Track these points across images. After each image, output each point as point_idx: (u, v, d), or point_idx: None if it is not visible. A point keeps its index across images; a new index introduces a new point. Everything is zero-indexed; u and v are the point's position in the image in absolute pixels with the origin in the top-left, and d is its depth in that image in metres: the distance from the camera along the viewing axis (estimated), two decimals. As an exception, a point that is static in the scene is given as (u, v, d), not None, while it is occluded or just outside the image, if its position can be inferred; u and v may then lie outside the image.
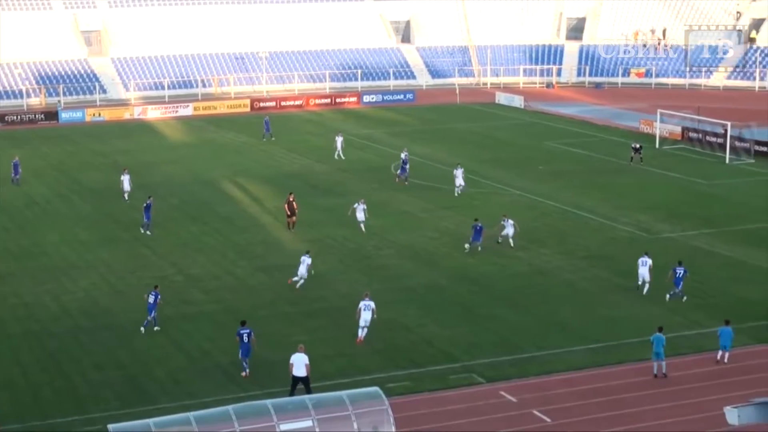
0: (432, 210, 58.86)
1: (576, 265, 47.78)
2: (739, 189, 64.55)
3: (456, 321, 41.11)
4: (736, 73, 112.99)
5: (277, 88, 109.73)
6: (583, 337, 39.25)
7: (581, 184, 65.02)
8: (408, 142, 78.52)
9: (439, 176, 67.64)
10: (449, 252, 50.31)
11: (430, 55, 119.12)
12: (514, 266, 48.20)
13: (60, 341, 39.30)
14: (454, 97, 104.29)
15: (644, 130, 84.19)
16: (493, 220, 55.14)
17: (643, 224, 55.50)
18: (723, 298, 43.60)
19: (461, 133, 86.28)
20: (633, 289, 44.48)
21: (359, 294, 43.99)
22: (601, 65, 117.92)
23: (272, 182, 66.79)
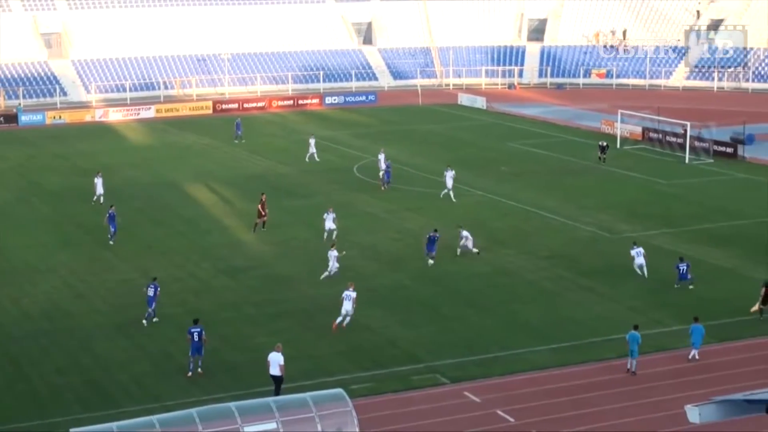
0: (395, 211, 58.89)
1: (538, 265, 47.96)
2: (698, 189, 65.06)
3: (419, 322, 41.13)
4: (695, 74, 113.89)
5: (239, 90, 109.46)
6: (546, 336, 39.39)
7: (543, 184, 65.29)
8: (370, 144, 78.60)
9: (402, 177, 67.68)
10: (412, 253, 50.32)
11: (391, 56, 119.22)
12: (477, 267, 48.30)
13: (21, 345, 38.96)
14: (417, 98, 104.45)
15: (605, 130, 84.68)
16: (455, 220, 55.32)
17: (604, 224, 55.79)
18: (684, 297, 43.89)
19: (424, 134, 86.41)
20: (594, 289, 44.72)
21: (323, 296, 44.06)
22: (563, 66, 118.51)
23: (235, 184, 66.59)
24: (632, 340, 35.74)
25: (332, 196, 62.27)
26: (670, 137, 78.12)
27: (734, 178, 68.18)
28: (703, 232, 54.04)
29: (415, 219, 56.98)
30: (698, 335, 36.92)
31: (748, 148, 75.24)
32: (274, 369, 33.75)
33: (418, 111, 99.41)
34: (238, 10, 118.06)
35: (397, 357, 37.59)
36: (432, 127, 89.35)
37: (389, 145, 79.07)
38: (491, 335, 39.67)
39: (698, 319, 37.40)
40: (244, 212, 59.22)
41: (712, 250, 50.60)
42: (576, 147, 78.98)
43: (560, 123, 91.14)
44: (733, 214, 57.95)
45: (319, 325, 40.68)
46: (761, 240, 52.46)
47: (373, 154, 74.62)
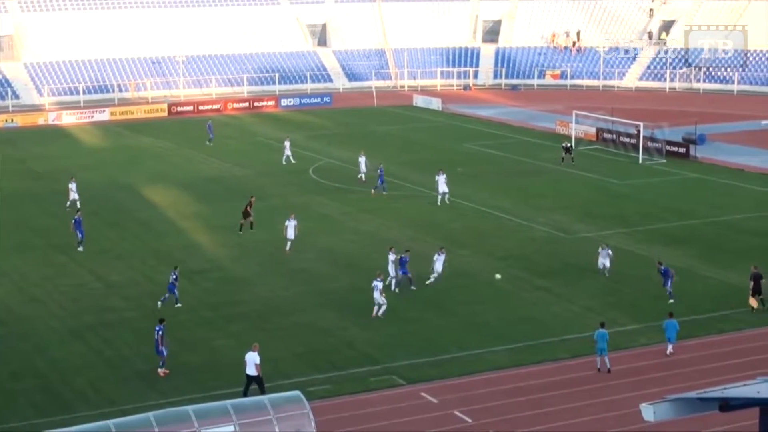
0: (351, 213, 58.90)
1: (495, 266, 48.12)
2: (651, 189, 65.59)
3: (376, 323, 41.15)
4: (648, 74, 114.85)
5: (194, 92, 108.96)
6: (503, 337, 39.55)
7: (498, 185, 65.56)
8: (326, 146, 78.60)
9: (353, 177, 67.64)
10: (369, 254, 50.32)
11: (346, 58, 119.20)
12: (433, 268, 48.34)
13: (-25, 351, 38.57)
14: (372, 100, 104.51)
15: (560, 131, 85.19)
16: (411, 221, 55.49)
17: (560, 224, 56.10)
18: (638, 296, 44.25)
19: (379, 135, 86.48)
20: (550, 289, 45.00)
21: (279, 298, 44.00)
22: (517, 67, 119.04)
23: (191, 187, 66.30)
24: (600, 338, 35.93)
25: (288, 199, 62.17)
26: (623, 138, 78.71)
27: (686, 177, 68.82)
28: (656, 232, 54.51)
29: (371, 221, 57.02)
30: (672, 330, 37.53)
31: (700, 148, 75.94)
32: (250, 368, 33.83)
33: (374, 113, 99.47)
34: (192, 13, 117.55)
35: (354, 358, 37.59)
36: (387, 129, 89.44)
37: (345, 147, 79.09)
38: (448, 336, 39.76)
39: (673, 314, 37.85)
40: (200, 215, 58.99)
41: (665, 249, 51.00)
42: (531, 148, 79.38)
43: (515, 124, 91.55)
44: (686, 214, 58.49)
45: (276, 327, 40.62)
46: (713, 239, 53.00)
47: (329, 156, 74.74)
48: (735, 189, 64.98)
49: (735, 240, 52.50)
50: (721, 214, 57.91)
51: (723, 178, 67.96)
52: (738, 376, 32.87)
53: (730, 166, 71.78)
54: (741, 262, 48.07)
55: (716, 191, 64.53)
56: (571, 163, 71.81)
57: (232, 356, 37.68)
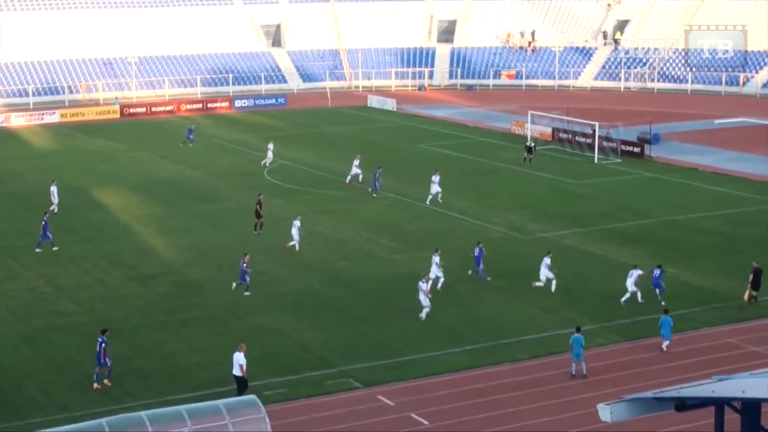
0: (306, 214, 58.66)
1: (451, 267, 48.11)
2: (607, 188, 65.98)
3: (332, 325, 41.07)
4: (603, 74, 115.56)
5: (147, 93, 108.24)
6: (460, 338, 39.57)
7: (454, 185, 65.59)
8: (281, 147, 78.24)
9: (313, 180, 67.58)
10: (323, 256, 50.25)
11: (300, 58, 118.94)
12: (389, 269, 48.37)
13: (-77, 358, 38.04)
14: (326, 100, 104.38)
15: (516, 131, 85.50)
16: (366, 223, 55.42)
17: (515, 224, 56.27)
18: (594, 296, 44.45)
19: (334, 136, 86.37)
20: (507, 290, 45.09)
21: (236, 301, 43.78)
22: (472, 67, 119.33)
23: (144, 189, 65.85)
24: (576, 343, 35.94)
25: (243, 201, 61.89)
26: (579, 137, 79.13)
27: (641, 177, 69.29)
28: (612, 231, 54.81)
29: (326, 222, 56.90)
30: (667, 327, 37.81)
31: (654, 148, 76.51)
32: (235, 369, 33.96)
33: (328, 113, 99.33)
34: (144, 13, 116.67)
35: (309, 362, 37.46)
36: (342, 130, 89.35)
37: (300, 148, 78.96)
38: (405, 338, 39.73)
39: (668, 311, 38.09)
40: (152, 217, 58.60)
41: (620, 249, 51.31)
42: (487, 148, 79.59)
43: (470, 124, 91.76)
44: (641, 213, 58.88)
45: (232, 330, 40.39)
46: (668, 239, 53.38)
47: (284, 158, 74.53)
48: (689, 188, 65.53)
49: (689, 239, 52.91)
50: (675, 214, 58.36)
51: (677, 178, 68.52)
52: (694, 375, 33.12)
53: (684, 166, 72.37)
54: (696, 261, 48.49)
55: (671, 190, 65.02)
56: (529, 164, 72.03)
57: (186, 361, 37.46)
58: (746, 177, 68.38)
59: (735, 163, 72.86)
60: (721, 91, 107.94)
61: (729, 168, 71.22)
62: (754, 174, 69.07)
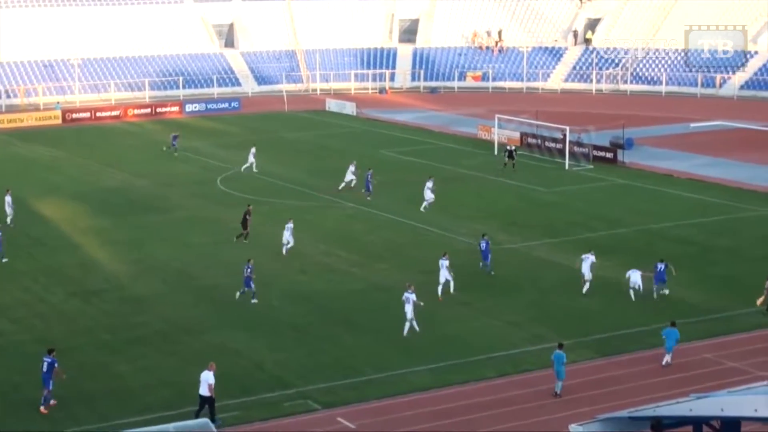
0: (262, 225, 58.47)
1: (415, 281, 47.98)
2: (579, 196, 66.21)
3: (289, 344, 40.88)
4: (573, 75, 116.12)
5: (91, 97, 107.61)
6: (424, 356, 39.49)
7: (417, 194, 65.52)
8: (234, 154, 78.07)
9: (269, 189, 67.37)
10: (281, 270, 50.06)
11: (255, 60, 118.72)
12: (349, 283, 48.27)
13: None
14: (282, 104, 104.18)
15: (482, 136, 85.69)
16: (325, 234, 55.26)
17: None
18: (566, 309, 44.53)
19: (291, 142, 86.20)
20: (473, 304, 45.08)
21: (185, 318, 43.49)
22: (436, 69, 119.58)
23: (87, 199, 65.39)
24: (557, 361, 35.88)
25: (195, 211, 61.64)
26: (549, 143, 79.38)
27: (614, 184, 69.61)
28: (584, 242, 54.88)
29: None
30: (673, 339, 37.95)
31: (628, 153, 76.91)
32: (203, 388, 33.70)
33: (285, 118, 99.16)
34: (88, 11, 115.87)
35: (265, 382, 37.27)
36: (299, 135, 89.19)
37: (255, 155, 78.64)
38: (366, 356, 39.61)
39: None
40: (97, 229, 58.16)
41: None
42: (452, 154, 79.67)
43: (435, 129, 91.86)
44: (614, 222, 59.12)
45: (182, 349, 40.13)
46: (642, 248, 53.58)
47: (237, 165, 74.30)
48: (663, 195, 65.89)
49: (664, 248, 53.10)
50: (649, 222, 58.64)
51: (651, 184, 68.87)
52: (671, 393, 33.23)
53: (658, 172, 72.78)
54: (671, 272, 48.64)
55: (645, 198, 65.34)
56: (512, 170, 72.17)
57: (134, 382, 37.14)
58: (722, 183, 68.89)
59: (711, 169, 73.37)
60: (696, 93, 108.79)
61: (705, 174, 71.70)
62: (731, 180, 69.61)
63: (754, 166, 74.15)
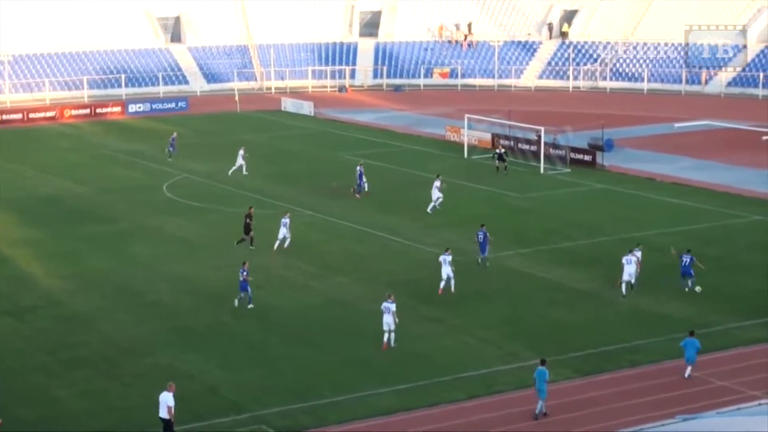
0: (212, 236, 58.36)
1: (379, 294, 47.93)
2: (555, 202, 66.43)
3: (244, 364, 40.78)
4: (548, 72, 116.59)
5: (23, 97, 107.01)
6: (389, 376, 39.48)
7: (381, 201, 65.65)
8: (182, 158, 77.84)
9: (220, 196, 67.18)
10: (234, 284, 49.87)
11: (204, 56, 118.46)
12: (308, 298, 48.21)
13: None
14: (234, 104, 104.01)
15: (451, 138, 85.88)
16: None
17: (452, 244, 56.20)
18: (541, 325, 44.63)
19: (243, 145, 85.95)
20: (442, 320, 45.13)
21: (130, 337, 43.30)
22: (401, 65, 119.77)
23: (21, 208, 65.01)
24: (539, 378, 35.85)
25: (138, 220, 61.39)
26: (522, 144, 79.60)
27: (593, 189, 69.90)
28: (561, 252, 55.14)
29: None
30: (692, 350, 38.16)
31: (607, 155, 77.25)
32: (162, 411, 33.77)
33: (237, 119, 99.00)
34: (19, 4, 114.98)
35: (218, 406, 37.16)
36: (252, 137, 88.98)
37: (204, 159, 78.47)
38: (326, 377, 39.56)
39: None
40: (31, 240, 57.82)
41: (570, 271, 51.62)
42: (418, 157, 79.77)
43: (399, 130, 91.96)
44: (594, 230, 59.33)
45: (126, 372, 39.94)
46: (620, 259, 53.70)
47: (184, 170, 74.13)
48: (646, 201, 66.22)
49: (647, 259, 53.29)
50: (631, 230, 58.84)
51: (633, 189, 69.21)
52: (656, 414, 33.40)
53: (640, 175, 73.18)
54: (654, 284, 48.88)
55: (626, 204, 65.65)
56: (505, 173, 72.67)
57: (74, 407, 36.93)
58: (708, 188, 69.30)
59: (696, 172, 73.85)
60: (681, 90, 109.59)
61: (690, 177, 72.16)
62: (718, 184, 70.03)
63: (742, 169, 74.68)
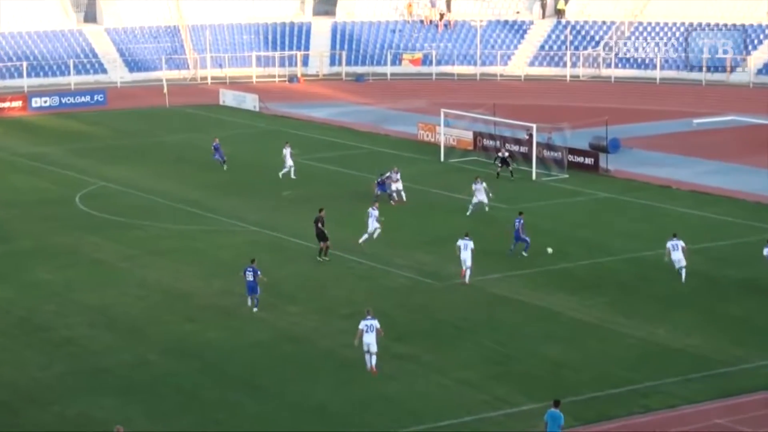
0: (135, 257, 58.21)
1: (337, 328, 48.01)
2: (550, 214, 66.35)
3: (173, 411, 40.70)
4: (542, 58, 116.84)
5: None
6: (350, 426, 39.49)
7: (340, 213, 65.55)
8: (98, 164, 77.81)
9: (145, 209, 67.01)
10: (159, 315, 49.79)
11: (125, 39, 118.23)
12: (252, 332, 48.09)
13: None
14: (162, 97, 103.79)
15: (424, 137, 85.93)
16: (220, 267, 55.17)
17: (426, 267, 56.34)
18: (534, 363, 44.61)
19: (174, 147, 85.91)
20: (415, 357, 45.20)
21: (34, 382, 43.13)
22: (363, 50, 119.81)
23: None
24: (552, 422, 35.83)
25: (44, 239, 61.17)
26: (511, 145, 79.60)
27: (595, 198, 69.97)
28: (558, 274, 55.16)
29: (164, 267, 56.41)
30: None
31: (613, 158, 77.39)
32: None
33: (165, 116, 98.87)
34: None
35: (141, 464, 37.16)
36: (184, 138, 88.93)
37: (126, 165, 78.37)
38: (271, 427, 39.56)
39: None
40: None
41: (570, 298, 51.63)
42: (384, 161, 79.66)
43: (361, 129, 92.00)
44: (596, 249, 59.37)
45: (31, 421, 39.84)
46: (633, 282, 53.89)
47: (102, 178, 74.03)
48: (659, 213, 66.26)
49: (661, 283, 53.47)
50: (641, 248, 58.90)
51: (643, 199, 69.28)
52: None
53: (652, 182, 73.34)
54: (668, 312, 49.03)
55: (635, 217, 65.71)
56: (511, 179, 73.19)
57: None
58: (734, 196, 69.50)
59: (720, 178, 74.07)
60: (701, 79, 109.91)
61: (712, 184, 72.31)
62: (745, 192, 70.22)
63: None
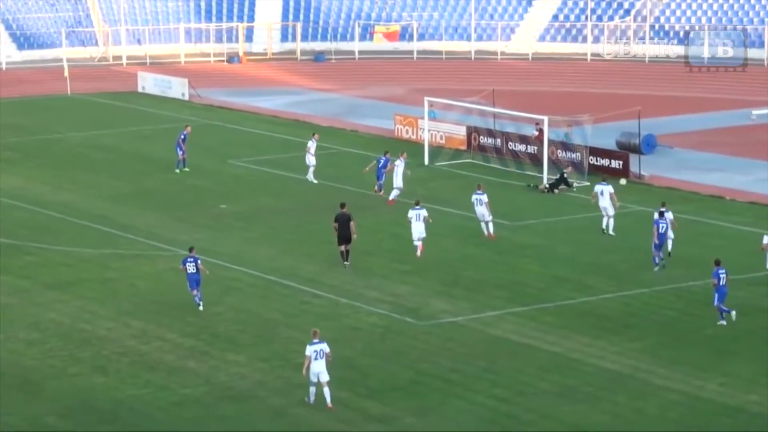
0: (27, 291, 58.14)
1: (289, 382, 47.99)
2: (566, 235, 66.50)
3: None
4: (554, 31, 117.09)
5: None
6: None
7: (296, 234, 65.59)
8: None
9: (38, 228, 66.94)
10: (60, 366, 49.72)
11: (12, 8, 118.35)
12: (180, 388, 48.01)
13: None
14: (63, 82, 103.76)
15: (403, 133, 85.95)
16: (139, 305, 55.20)
17: (405, 302, 56.39)
18: (547, 427, 44.66)
19: (77, 148, 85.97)
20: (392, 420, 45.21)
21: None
22: (323, 22, 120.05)
23: None
24: None
25: None
26: (515, 144, 79.68)
27: (626, 212, 69.91)
28: (576, 311, 55.21)
29: (64, 304, 56.31)
30: None
31: (647, 160, 77.36)
32: None
33: (67, 106, 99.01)
34: None
35: None
36: (89, 136, 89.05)
37: (14, 170, 78.32)
38: None
39: None
40: None
41: (592, 341, 51.70)
42: (348, 164, 79.80)
43: (322, 122, 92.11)
44: (624, 279, 59.37)
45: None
46: (675, 321, 53.90)
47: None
48: (707, 230, 66.49)
49: (711, 321, 53.56)
50: (685, 278, 58.98)
51: (688, 213, 69.30)
52: None
53: (697, 191, 73.47)
54: (722, 362, 49.07)
55: (677, 237, 65.81)
56: (571, 191, 73.91)
57: None
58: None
59: (787, 186, 74.49)
60: (762, 58, 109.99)
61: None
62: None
63: None
